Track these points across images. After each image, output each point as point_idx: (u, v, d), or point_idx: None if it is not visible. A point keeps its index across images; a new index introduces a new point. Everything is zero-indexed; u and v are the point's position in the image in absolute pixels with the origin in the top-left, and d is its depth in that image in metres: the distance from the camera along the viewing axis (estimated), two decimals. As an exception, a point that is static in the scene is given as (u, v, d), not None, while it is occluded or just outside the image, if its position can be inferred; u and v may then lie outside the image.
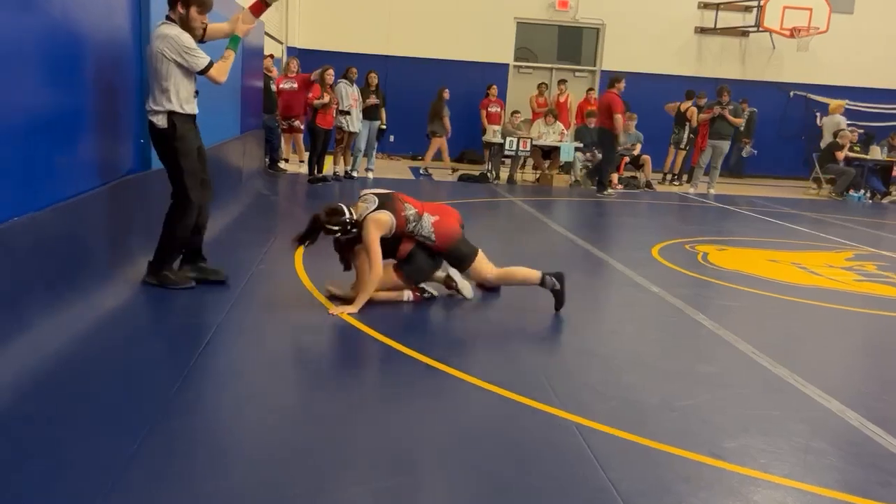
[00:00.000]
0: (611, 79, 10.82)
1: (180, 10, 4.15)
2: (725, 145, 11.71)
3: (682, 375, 3.63)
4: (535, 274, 4.58)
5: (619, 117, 10.42)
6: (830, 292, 5.60)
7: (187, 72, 4.18)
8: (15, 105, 3.12)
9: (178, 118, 4.19)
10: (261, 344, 3.85)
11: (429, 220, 4.40)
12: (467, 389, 3.24)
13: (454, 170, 12.41)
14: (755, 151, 14.02)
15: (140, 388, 3.00)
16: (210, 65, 4.18)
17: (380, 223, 4.25)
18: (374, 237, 4.22)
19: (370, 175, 11.03)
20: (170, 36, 4.09)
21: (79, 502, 2.15)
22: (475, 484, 2.46)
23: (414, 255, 4.39)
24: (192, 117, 4.34)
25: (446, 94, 12.50)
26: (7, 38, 3.02)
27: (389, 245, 4.34)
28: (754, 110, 13.43)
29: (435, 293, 4.60)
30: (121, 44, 4.36)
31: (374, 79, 10.96)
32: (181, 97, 4.19)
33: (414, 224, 4.34)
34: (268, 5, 4.47)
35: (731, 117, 11.54)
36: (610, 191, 10.87)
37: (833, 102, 13.68)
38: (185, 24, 4.17)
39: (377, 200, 4.30)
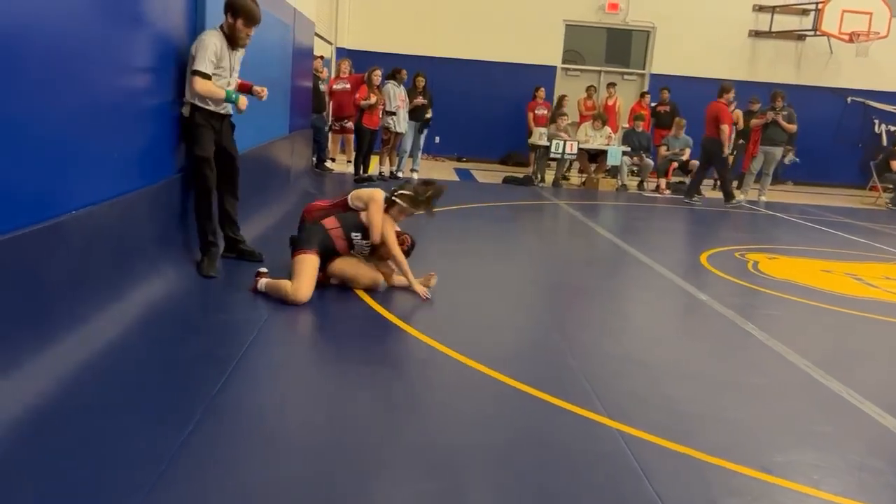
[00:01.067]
0: (721, 87, 10.79)
1: (229, 19, 4.53)
2: (778, 152, 11.44)
3: (731, 386, 3.55)
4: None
5: (725, 128, 10.44)
6: (887, 305, 5.41)
7: (219, 71, 4.52)
8: (77, 104, 3.21)
9: (199, 111, 4.52)
10: (304, 342, 3.88)
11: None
12: (509, 393, 3.21)
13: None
14: (797, 159, 13.60)
15: (186, 382, 3.06)
16: (203, 75, 4.40)
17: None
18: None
19: (415, 175, 11.06)
20: (200, 38, 4.47)
21: (129, 491, 2.19)
22: (517, 489, 2.44)
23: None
24: (218, 115, 4.65)
25: (565, 103, 12.50)
26: (74, 40, 3.10)
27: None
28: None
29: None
30: (178, 48, 4.45)
31: (421, 82, 10.99)
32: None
33: None
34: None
35: (784, 123, 11.26)
36: (739, 198, 10.80)
37: None
38: (232, 33, 4.55)
39: None
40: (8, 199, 2.73)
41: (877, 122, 14.63)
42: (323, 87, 10.71)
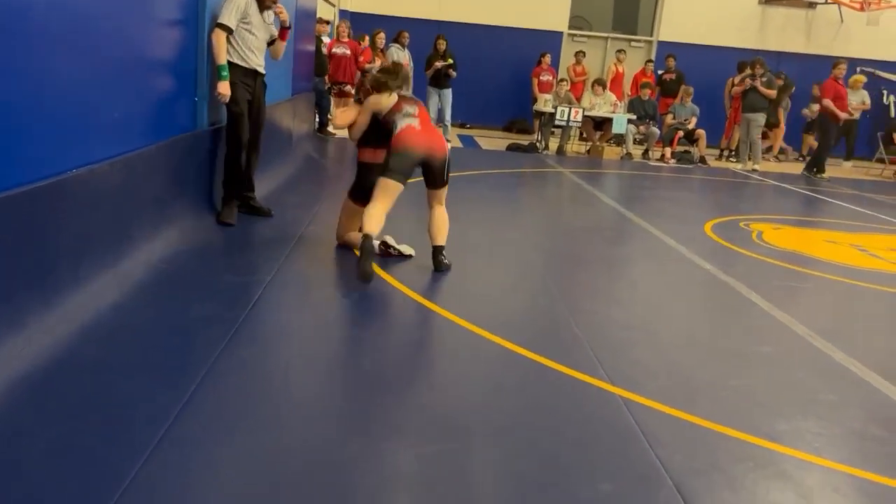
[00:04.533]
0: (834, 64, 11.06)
1: None
2: (760, 118, 11.37)
3: (734, 355, 3.54)
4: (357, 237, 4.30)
5: (827, 102, 10.75)
6: (891, 276, 5.40)
7: (248, 28, 4.74)
8: (75, 61, 3.15)
9: (234, 69, 4.78)
10: (308, 304, 3.87)
11: (407, 122, 4.26)
12: (514, 359, 3.21)
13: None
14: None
15: (190, 343, 3.05)
16: (223, 27, 4.62)
17: (377, 104, 4.38)
18: (364, 109, 4.45)
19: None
20: None
21: (131, 451, 2.19)
22: (519, 452, 2.44)
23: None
24: (251, 72, 4.92)
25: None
26: (69, -8, 3.04)
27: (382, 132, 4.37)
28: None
29: (405, 252, 4.54)
30: (180, 4, 4.38)
31: (442, 45, 10.80)
32: (238, 51, 4.81)
33: (395, 116, 4.31)
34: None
35: (763, 89, 11.19)
36: (823, 175, 10.96)
37: None
38: None
39: (402, 95, 4.45)
40: (8, 155, 2.70)
41: (885, 92, 14.46)
42: (324, 49, 10.55)
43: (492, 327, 3.50)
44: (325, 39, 10.58)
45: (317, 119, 10.43)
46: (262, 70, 5.00)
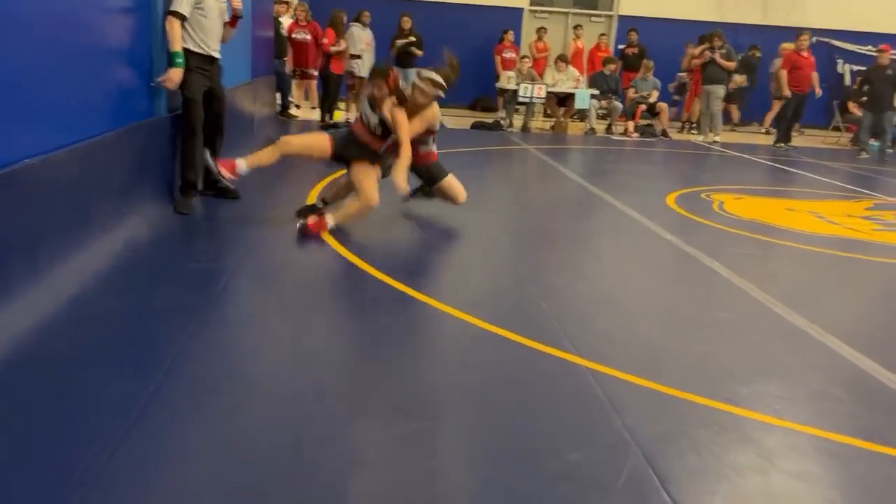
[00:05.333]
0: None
1: None
2: (720, 90, 11.52)
3: (697, 323, 3.61)
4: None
5: (782, 73, 11.06)
6: (849, 241, 5.53)
7: (202, 13, 4.66)
8: (30, 48, 3.07)
9: (192, 56, 4.70)
10: (275, 289, 3.85)
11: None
12: (480, 335, 3.23)
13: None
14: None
15: (156, 332, 3.02)
16: (176, 14, 4.51)
17: (435, 117, 4.96)
18: (422, 120, 4.84)
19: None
20: None
21: (100, 442, 2.16)
22: (491, 429, 2.47)
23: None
24: (207, 58, 4.82)
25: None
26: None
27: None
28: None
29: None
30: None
31: (407, 22, 10.65)
32: (194, 37, 4.71)
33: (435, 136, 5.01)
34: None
35: (722, 61, 11.34)
36: (782, 145, 11.30)
37: None
38: None
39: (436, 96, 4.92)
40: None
41: (840, 62, 14.69)
42: (282, 31, 10.38)
43: (460, 305, 3.52)
44: (284, 21, 10.40)
45: (279, 102, 10.29)
46: (217, 55, 4.92)
